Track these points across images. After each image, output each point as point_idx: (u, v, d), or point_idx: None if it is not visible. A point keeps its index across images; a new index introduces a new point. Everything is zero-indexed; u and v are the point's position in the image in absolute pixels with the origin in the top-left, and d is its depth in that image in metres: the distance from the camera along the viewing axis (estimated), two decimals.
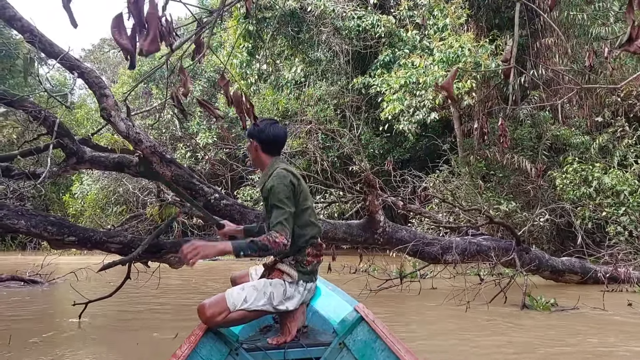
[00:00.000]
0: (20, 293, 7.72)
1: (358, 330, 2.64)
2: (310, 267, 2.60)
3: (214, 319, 2.36)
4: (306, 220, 2.59)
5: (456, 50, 11.06)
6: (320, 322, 2.97)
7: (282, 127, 2.74)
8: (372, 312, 2.71)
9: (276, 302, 2.49)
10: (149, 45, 1.73)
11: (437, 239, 5.92)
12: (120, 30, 1.83)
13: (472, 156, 12.67)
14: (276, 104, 16.29)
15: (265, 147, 2.66)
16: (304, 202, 2.57)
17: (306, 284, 2.60)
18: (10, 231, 4.15)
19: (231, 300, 2.40)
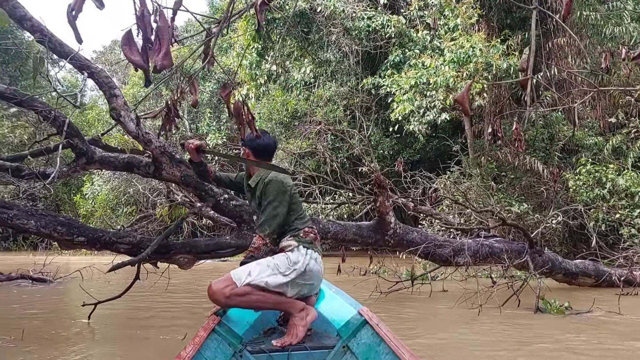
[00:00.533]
0: (30, 291, 7.82)
1: (362, 334, 2.67)
2: (307, 238, 2.82)
3: (222, 290, 2.50)
4: (301, 211, 2.92)
5: (467, 50, 10.97)
6: (324, 325, 2.98)
7: (272, 137, 3.09)
8: (376, 315, 2.73)
9: (283, 269, 2.63)
10: (162, 60, 1.70)
11: (449, 241, 5.84)
12: (131, 47, 1.79)
13: (483, 157, 12.56)
14: (285, 104, 16.27)
15: (257, 154, 2.98)
16: (297, 199, 2.90)
17: (307, 250, 2.76)
18: (20, 231, 4.15)
19: (236, 275, 2.56)
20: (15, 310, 5.77)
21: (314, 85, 16.34)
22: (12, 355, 3.59)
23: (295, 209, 2.88)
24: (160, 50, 1.69)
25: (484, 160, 12.42)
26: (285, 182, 2.83)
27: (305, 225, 2.88)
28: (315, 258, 2.81)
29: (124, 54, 1.72)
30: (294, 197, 2.88)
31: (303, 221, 2.89)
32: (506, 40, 12.07)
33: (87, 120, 23.59)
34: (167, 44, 1.71)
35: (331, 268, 9.78)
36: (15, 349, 3.74)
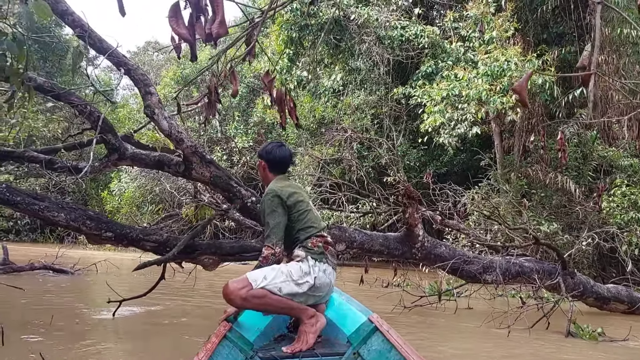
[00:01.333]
0: (55, 281, 7.99)
1: (372, 340, 2.68)
2: (316, 249, 2.78)
3: (237, 292, 2.51)
4: (307, 221, 2.83)
5: (502, 63, 10.76)
6: (334, 331, 2.99)
7: (288, 149, 3.07)
8: (386, 323, 2.74)
9: (296, 277, 2.64)
10: (218, 28, 1.65)
11: (478, 258, 5.68)
12: (177, 19, 1.76)
13: (513, 173, 12.29)
14: (313, 111, 16.27)
15: (272, 166, 2.99)
16: (299, 208, 2.83)
17: (316, 262, 2.73)
18: (50, 223, 4.18)
19: (252, 277, 2.58)
20: (41, 300, 5.83)
21: (342, 93, 16.29)
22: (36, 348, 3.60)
23: (299, 219, 2.83)
24: (216, 19, 1.64)
25: (514, 177, 12.15)
26: (280, 192, 2.79)
27: (311, 234, 2.83)
28: (324, 270, 2.78)
29: (170, 26, 1.68)
30: (296, 206, 2.82)
31: (307, 231, 2.83)
32: (542, 55, 11.83)
33: (119, 118, 24.03)
34: (222, 11, 1.66)
35: (353, 278, 9.68)
36: (38, 345, 3.75)
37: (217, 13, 1.68)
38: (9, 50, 3.10)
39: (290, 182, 3.00)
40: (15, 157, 4.55)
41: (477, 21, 12.07)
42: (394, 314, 5.82)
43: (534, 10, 12.78)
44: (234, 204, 4.80)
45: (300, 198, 2.87)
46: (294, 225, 2.81)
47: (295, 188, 2.94)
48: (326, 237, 2.91)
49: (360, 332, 2.78)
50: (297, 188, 2.98)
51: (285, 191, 2.82)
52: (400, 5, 13.93)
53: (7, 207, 4.02)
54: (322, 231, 2.91)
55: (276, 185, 2.86)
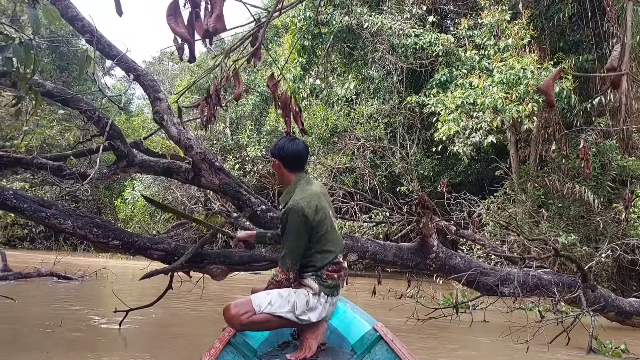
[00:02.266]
0: (65, 287, 7.96)
1: (377, 349, 2.66)
2: (330, 282, 2.67)
3: (240, 317, 2.45)
4: (326, 243, 2.67)
5: (517, 71, 10.60)
6: (339, 340, 2.99)
7: (302, 142, 2.80)
8: (391, 332, 2.69)
9: (299, 312, 2.55)
10: (215, 22, 1.55)
11: (495, 269, 5.50)
12: (176, 17, 1.67)
13: (529, 183, 12.06)
14: (326, 120, 16.20)
15: (287, 163, 2.75)
16: (322, 228, 2.64)
17: (328, 297, 2.65)
18: (57, 230, 4.11)
19: (257, 301, 2.51)
20: (50, 307, 5.78)
21: (355, 101, 16.22)
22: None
23: (316, 241, 2.65)
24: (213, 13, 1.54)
25: (530, 187, 11.91)
26: (308, 210, 2.57)
27: (327, 262, 2.66)
28: (333, 303, 2.75)
29: (168, 25, 1.59)
30: (320, 225, 2.63)
31: (325, 256, 2.66)
32: (559, 63, 11.64)
33: (133, 126, 24.21)
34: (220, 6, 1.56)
35: (365, 289, 9.51)
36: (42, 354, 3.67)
37: (214, 7, 1.58)
38: (15, 54, 3.04)
39: (314, 188, 2.74)
40: (24, 164, 4.51)
41: (492, 29, 11.93)
42: (407, 326, 5.66)
43: (551, 18, 12.62)
44: (243, 212, 4.70)
45: (325, 214, 2.67)
46: (311, 245, 2.65)
47: (320, 197, 2.71)
48: (342, 264, 2.76)
49: (364, 341, 2.78)
50: (322, 196, 2.75)
51: (311, 209, 2.59)
52: (414, 13, 13.84)
53: (14, 213, 3.97)
54: (339, 255, 2.75)
55: (303, 199, 2.61)
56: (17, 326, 4.65)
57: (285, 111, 2.03)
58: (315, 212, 2.60)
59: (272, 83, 2.04)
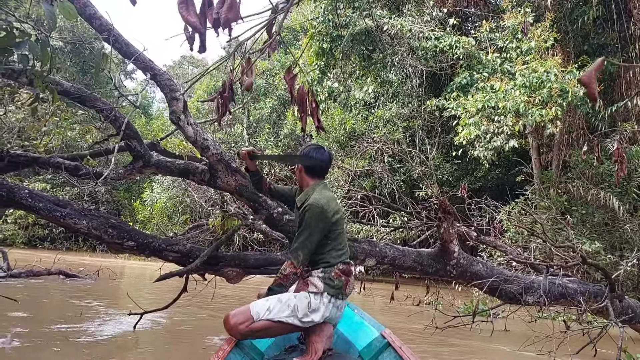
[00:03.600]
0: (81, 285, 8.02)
1: (384, 356, 2.62)
2: (337, 282, 2.62)
3: (238, 327, 2.44)
4: (341, 242, 2.71)
5: (540, 75, 10.36)
6: (346, 345, 2.95)
7: (327, 151, 2.89)
8: (399, 339, 2.65)
9: (301, 315, 2.52)
10: (227, 12, 1.47)
11: (518, 277, 5.32)
12: (188, 5, 1.58)
13: (552, 189, 11.78)
14: (343, 123, 16.10)
15: (309, 170, 2.83)
16: (338, 226, 2.69)
17: (332, 298, 2.60)
18: (72, 230, 4.07)
19: (255, 309, 2.49)
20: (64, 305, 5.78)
21: (374, 105, 16.09)
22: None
23: (333, 238, 2.69)
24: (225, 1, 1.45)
25: (553, 192, 11.63)
26: (327, 208, 2.63)
27: (339, 260, 2.68)
28: (338, 306, 2.68)
29: (179, 13, 1.51)
30: (337, 224, 2.68)
31: (338, 254, 2.69)
32: (583, 66, 11.36)
33: (153, 129, 24.43)
34: None
35: (383, 295, 9.36)
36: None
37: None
38: (31, 51, 3.01)
39: (331, 194, 2.82)
40: (41, 163, 4.49)
41: (514, 31, 11.71)
42: (426, 334, 5.51)
43: (575, 21, 12.35)
44: (259, 214, 4.61)
45: (341, 216, 2.74)
46: (329, 242, 2.68)
47: (337, 202, 2.79)
48: (351, 267, 2.74)
49: (372, 347, 2.74)
50: (338, 202, 2.82)
51: (331, 208, 2.66)
52: (434, 15, 13.68)
53: (29, 212, 3.94)
54: (349, 259, 2.78)
55: (323, 197, 2.68)
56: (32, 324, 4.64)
57: (302, 107, 1.93)
58: (335, 212, 2.66)
59: (289, 77, 1.95)
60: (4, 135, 8.59)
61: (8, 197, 3.76)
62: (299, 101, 1.92)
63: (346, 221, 8.15)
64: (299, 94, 1.92)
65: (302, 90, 1.92)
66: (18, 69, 3.71)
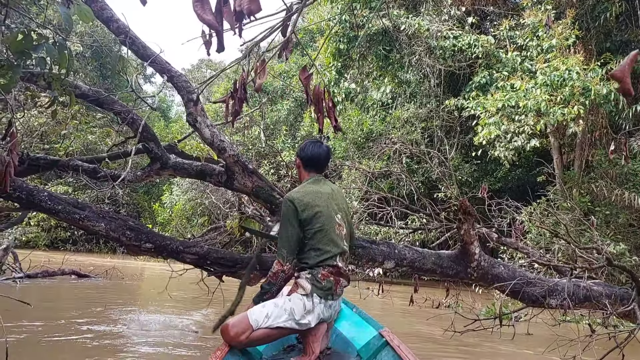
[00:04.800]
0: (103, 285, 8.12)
1: (382, 355, 2.61)
2: (325, 283, 2.57)
3: (238, 338, 2.39)
4: (320, 241, 2.61)
5: (562, 73, 10.15)
6: (344, 344, 2.96)
7: (324, 146, 2.83)
8: (397, 337, 2.62)
9: (298, 317, 2.50)
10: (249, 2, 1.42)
11: (541, 279, 5.19)
12: (203, 4, 1.55)
13: (574, 189, 11.53)
14: (361, 124, 16.02)
15: (306, 164, 2.83)
16: (314, 225, 2.60)
17: (321, 299, 2.56)
18: (90, 232, 4.09)
19: (253, 317, 2.45)
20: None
21: (391, 105, 15.98)
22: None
23: (312, 237, 2.60)
24: None
25: (576, 193, 11.39)
26: (296, 202, 2.60)
27: (319, 260, 2.59)
28: (329, 305, 2.63)
29: (194, 12, 1.48)
30: (311, 222, 2.60)
31: (317, 254, 2.60)
32: (606, 64, 11.10)
33: (172, 132, 24.64)
34: None
35: (402, 297, 9.26)
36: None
37: None
38: (48, 54, 3.02)
39: (318, 187, 2.74)
40: (60, 166, 4.53)
41: (534, 29, 11.51)
42: (445, 337, 5.42)
43: (596, 18, 12.09)
44: (276, 216, 4.58)
45: (318, 212, 2.62)
46: (306, 242, 2.62)
47: (319, 196, 2.69)
48: (340, 268, 2.65)
49: (370, 346, 2.75)
50: (324, 196, 2.71)
51: (303, 201, 2.62)
52: (452, 14, 13.53)
53: (49, 215, 3.98)
54: (337, 257, 2.64)
55: (297, 192, 2.68)
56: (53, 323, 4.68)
57: (318, 106, 1.89)
58: (305, 208, 2.60)
59: (305, 76, 1.90)
60: (25, 139, 8.73)
61: (28, 199, 3.79)
62: (315, 101, 1.88)
63: (361, 219, 8.07)
64: (315, 94, 1.88)
65: (318, 89, 1.87)
66: (36, 72, 3.74)
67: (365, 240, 4.64)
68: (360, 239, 4.71)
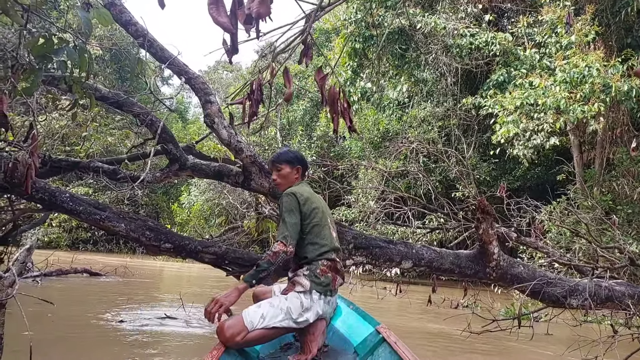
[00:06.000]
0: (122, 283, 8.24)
1: (379, 352, 2.60)
2: (323, 279, 2.59)
3: (234, 339, 2.37)
4: (318, 234, 2.66)
5: (582, 69, 9.99)
6: (341, 341, 2.96)
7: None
8: (394, 334, 2.61)
9: (295, 315, 2.49)
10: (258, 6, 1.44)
11: (561, 279, 5.11)
12: (218, 6, 1.57)
13: (595, 188, 11.34)
14: (377, 124, 15.97)
15: (304, 169, 3.00)
16: (312, 219, 2.67)
17: (321, 295, 2.56)
18: (111, 233, 4.16)
19: (248, 319, 2.43)
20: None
21: (408, 105, 15.90)
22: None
23: (310, 231, 2.67)
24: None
25: (597, 191, 11.20)
26: (298, 195, 2.69)
27: (319, 254, 2.63)
28: (328, 301, 2.64)
29: (210, 15, 1.49)
30: (311, 215, 2.68)
31: (315, 248, 2.64)
32: (627, 60, 10.90)
33: (190, 133, 24.87)
34: None
35: (420, 298, 9.21)
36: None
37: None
38: (69, 58, 3.08)
39: (310, 189, 2.92)
40: (81, 168, 4.61)
41: (553, 26, 11.35)
42: (463, 337, 5.37)
43: (617, 13, 11.86)
44: None
45: (317, 208, 2.73)
46: (305, 237, 2.66)
47: (315, 196, 2.85)
48: (337, 263, 2.71)
49: (367, 343, 2.75)
50: (316, 196, 2.87)
51: (303, 195, 2.72)
52: (469, 12, 13.41)
53: (70, 216, 4.05)
54: (334, 252, 2.71)
55: (298, 188, 2.79)
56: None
57: (333, 107, 1.89)
58: (305, 201, 2.69)
59: (320, 77, 1.91)
60: (47, 141, 8.90)
61: (50, 201, 3.87)
62: (330, 102, 1.88)
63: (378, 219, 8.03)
64: (330, 94, 1.88)
65: (333, 90, 1.88)
66: (58, 76, 3.81)
67: (383, 240, 4.63)
68: (378, 238, 4.70)
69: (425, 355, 4.93)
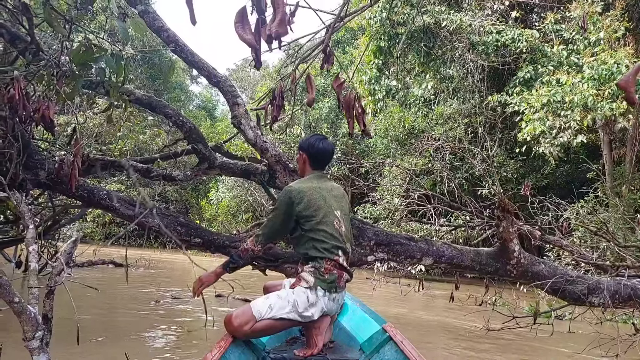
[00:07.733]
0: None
1: (385, 350, 2.62)
2: (328, 276, 2.58)
3: (242, 328, 2.42)
4: (319, 233, 2.61)
5: (610, 66, 9.86)
6: (347, 338, 2.98)
7: (330, 143, 2.85)
8: (400, 332, 2.64)
9: (301, 309, 2.52)
10: (277, 27, 1.61)
11: (582, 277, 5.14)
12: (244, 25, 1.74)
13: (624, 186, 11.17)
14: (402, 121, 16.00)
15: (312, 160, 2.83)
16: (312, 216, 2.61)
17: (326, 292, 2.57)
18: (144, 228, 4.39)
19: (256, 308, 2.48)
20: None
21: (433, 102, 15.87)
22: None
23: (311, 229, 2.61)
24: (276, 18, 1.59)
25: (626, 190, 11.02)
26: (294, 194, 2.62)
27: (325, 254, 2.58)
28: (333, 298, 2.62)
29: (236, 32, 1.66)
30: (307, 216, 2.60)
31: (318, 248, 2.59)
32: None
33: (218, 131, 25.31)
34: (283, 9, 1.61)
35: (443, 295, 9.27)
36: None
37: (277, 12, 1.63)
38: (107, 65, 3.31)
39: (319, 184, 2.73)
40: (117, 166, 4.87)
41: (580, 21, 11.20)
42: (483, 331, 5.45)
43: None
44: None
45: (315, 205, 2.62)
46: (304, 234, 2.63)
47: (319, 192, 2.68)
48: (343, 260, 2.66)
49: (373, 341, 2.76)
50: (324, 192, 2.71)
51: (301, 194, 2.62)
52: (495, 9, 13.31)
53: (107, 212, 4.31)
54: (339, 250, 2.63)
55: (297, 184, 2.71)
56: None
57: (348, 112, 2.05)
58: (302, 200, 2.61)
59: (337, 84, 2.07)
60: (84, 140, 9.29)
61: (89, 197, 4.13)
62: (346, 107, 2.04)
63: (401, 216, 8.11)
64: (346, 101, 2.04)
65: (348, 96, 2.03)
66: (96, 81, 4.06)
67: (404, 237, 4.75)
68: (399, 235, 4.82)
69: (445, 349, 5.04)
